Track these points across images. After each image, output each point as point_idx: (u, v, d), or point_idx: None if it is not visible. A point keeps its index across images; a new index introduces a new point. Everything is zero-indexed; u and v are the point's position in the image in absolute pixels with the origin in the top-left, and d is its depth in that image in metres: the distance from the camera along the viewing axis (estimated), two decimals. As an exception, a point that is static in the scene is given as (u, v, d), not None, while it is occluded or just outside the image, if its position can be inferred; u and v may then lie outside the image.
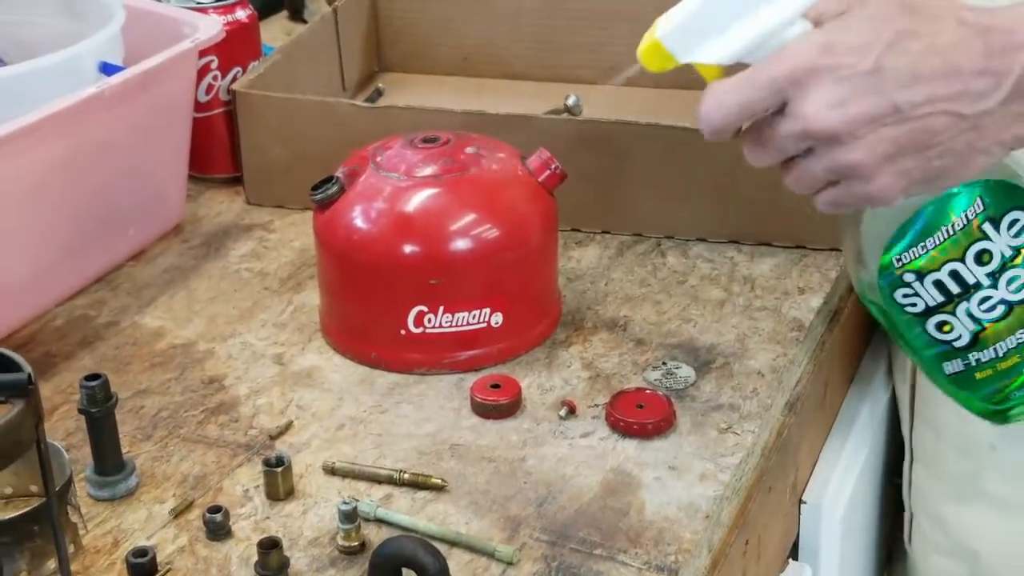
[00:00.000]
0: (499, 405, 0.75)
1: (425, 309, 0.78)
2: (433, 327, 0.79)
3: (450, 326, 0.79)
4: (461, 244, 0.78)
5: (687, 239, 0.94)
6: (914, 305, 0.74)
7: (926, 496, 0.94)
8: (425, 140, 0.82)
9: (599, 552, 0.66)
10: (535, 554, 0.65)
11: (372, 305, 0.80)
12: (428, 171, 0.80)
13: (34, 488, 0.70)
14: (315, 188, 0.81)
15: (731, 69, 0.66)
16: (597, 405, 0.76)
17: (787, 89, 0.63)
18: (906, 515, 0.97)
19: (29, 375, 0.52)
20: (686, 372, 0.80)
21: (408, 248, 0.78)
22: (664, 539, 0.66)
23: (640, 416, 0.74)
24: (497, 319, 0.80)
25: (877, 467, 0.98)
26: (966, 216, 0.72)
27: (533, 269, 0.82)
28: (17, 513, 0.64)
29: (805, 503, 0.85)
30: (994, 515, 0.89)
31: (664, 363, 0.80)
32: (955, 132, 0.63)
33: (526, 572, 0.64)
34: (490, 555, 0.65)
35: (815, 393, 0.84)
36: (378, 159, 0.81)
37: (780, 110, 0.64)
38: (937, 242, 0.72)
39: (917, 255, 0.72)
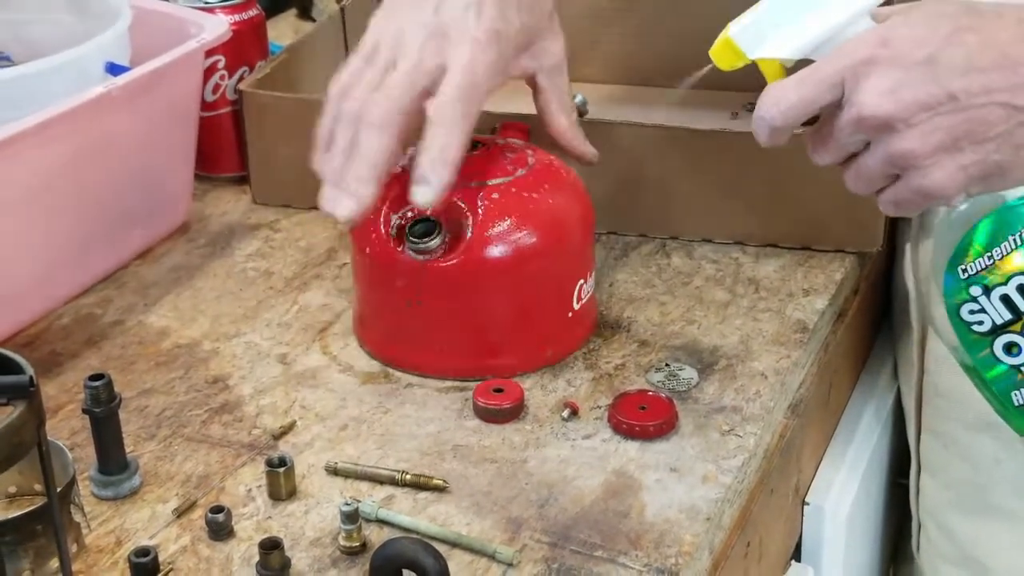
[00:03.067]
0: (501, 410, 0.75)
1: (582, 282, 0.81)
2: (585, 297, 0.81)
3: (587, 294, 0.82)
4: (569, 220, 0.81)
5: (692, 240, 0.94)
6: (981, 323, 0.68)
7: (934, 506, 0.94)
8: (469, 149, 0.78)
9: (600, 554, 0.66)
10: (536, 556, 0.66)
11: (543, 303, 0.79)
12: (502, 172, 0.79)
13: (38, 487, 0.71)
14: (413, 233, 0.76)
15: (794, 70, 0.68)
16: (600, 407, 0.77)
17: (846, 81, 0.64)
18: (914, 523, 0.97)
19: (31, 377, 0.52)
20: (689, 374, 0.80)
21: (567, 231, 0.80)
22: (665, 541, 0.66)
23: (642, 418, 0.74)
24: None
25: (881, 469, 0.98)
26: None
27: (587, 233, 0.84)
28: (20, 512, 0.64)
29: (808, 505, 0.85)
30: (1003, 527, 0.89)
31: (667, 365, 0.81)
32: (1012, 125, 0.63)
33: (527, 574, 0.65)
34: (491, 556, 0.66)
35: (819, 395, 0.84)
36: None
37: (839, 105, 0.65)
38: (1004, 252, 0.67)
39: (983, 266, 0.67)
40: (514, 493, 0.70)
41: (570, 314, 0.80)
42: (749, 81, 1.15)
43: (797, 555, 0.87)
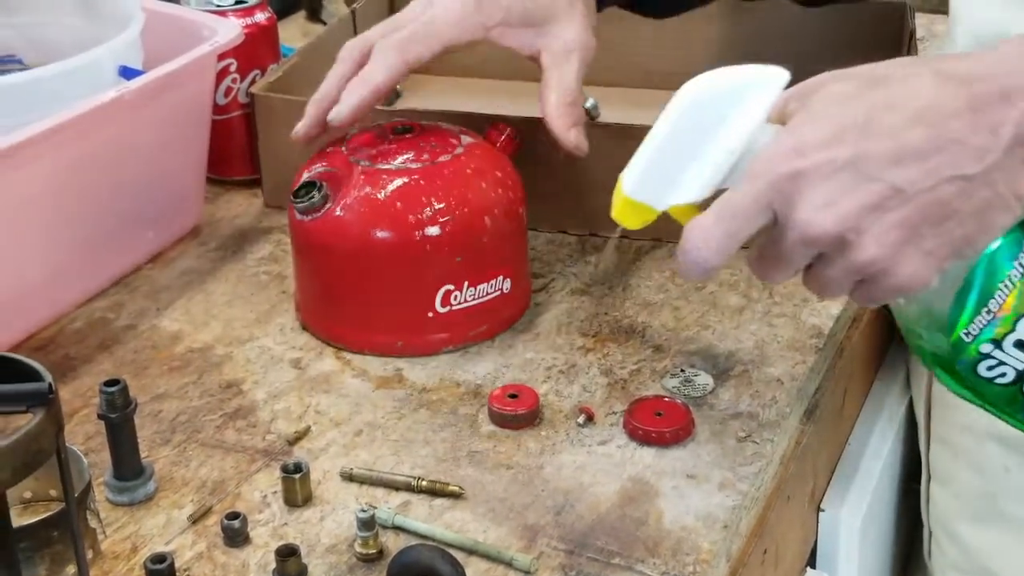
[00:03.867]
0: (517, 415, 0.75)
1: (452, 287, 0.81)
2: (459, 303, 0.81)
3: (474, 299, 0.82)
4: (480, 218, 0.81)
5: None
6: (1003, 375, 0.64)
7: (944, 514, 0.94)
8: (396, 131, 0.84)
9: (617, 561, 0.65)
10: (552, 563, 0.65)
11: (397, 295, 0.81)
12: (411, 157, 0.82)
13: (53, 492, 0.70)
14: (297, 196, 0.82)
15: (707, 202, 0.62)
16: (615, 413, 0.76)
17: (774, 203, 0.59)
18: (925, 531, 0.96)
19: (50, 384, 0.52)
20: (704, 380, 0.79)
21: (433, 231, 0.80)
22: (682, 548, 0.66)
23: (658, 424, 0.74)
24: (507, 284, 0.83)
25: (894, 475, 0.97)
26: (1020, 263, 0.63)
27: (524, 230, 0.86)
28: (37, 519, 0.64)
29: (823, 511, 0.84)
30: (1012, 536, 0.89)
31: (682, 370, 0.80)
32: (967, 195, 0.58)
33: (544, 581, 0.64)
34: (508, 564, 0.65)
35: (834, 401, 0.84)
36: (358, 154, 0.83)
37: (773, 223, 0.60)
38: (1000, 302, 0.63)
39: (985, 323, 0.63)
40: (530, 500, 0.70)
41: (430, 314, 0.81)
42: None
43: (812, 562, 0.86)
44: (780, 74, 0.62)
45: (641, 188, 0.63)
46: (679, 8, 1.02)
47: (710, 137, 0.61)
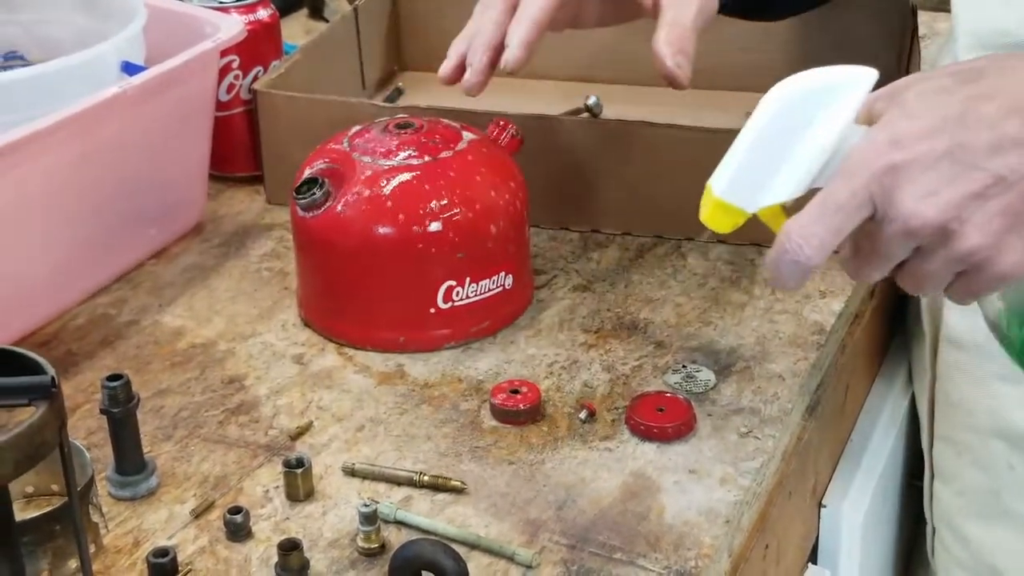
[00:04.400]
0: (519, 411, 0.75)
1: (454, 283, 0.80)
2: (461, 299, 0.81)
3: (476, 295, 0.82)
4: (482, 214, 0.81)
5: (708, 241, 0.94)
6: None
7: (948, 512, 0.93)
8: (399, 126, 0.84)
9: (619, 556, 0.66)
10: (555, 558, 0.65)
11: (398, 291, 0.81)
12: (412, 153, 0.82)
13: (55, 487, 0.71)
14: (299, 192, 0.82)
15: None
16: (617, 408, 0.76)
17: (873, 196, 0.59)
18: (928, 529, 0.96)
19: (53, 378, 0.52)
20: (706, 375, 0.79)
21: (435, 227, 0.80)
22: (684, 544, 0.66)
23: (660, 420, 0.74)
24: (509, 280, 0.83)
25: (897, 471, 0.97)
26: None
27: (526, 226, 0.85)
28: (39, 512, 0.64)
29: (825, 507, 0.85)
30: (1017, 533, 0.89)
31: (684, 366, 0.80)
32: None
33: (546, 576, 0.64)
34: (510, 559, 0.65)
35: (836, 397, 0.84)
36: (360, 151, 0.83)
37: (871, 218, 0.60)
38: None
39: None
40: (532, 495, 0.70)
41: (432, 310, 0.81)
42: (760, 82, 1.17)
43: (814, 557, 0.87)
44: (869, 74, 0.62)
45: (732, 190, 0.63)
46: (794, 10, 1.00)
47: (799, 138, 0.61)
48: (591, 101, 1.14)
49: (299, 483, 0.69)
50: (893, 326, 1.01)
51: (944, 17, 1.31)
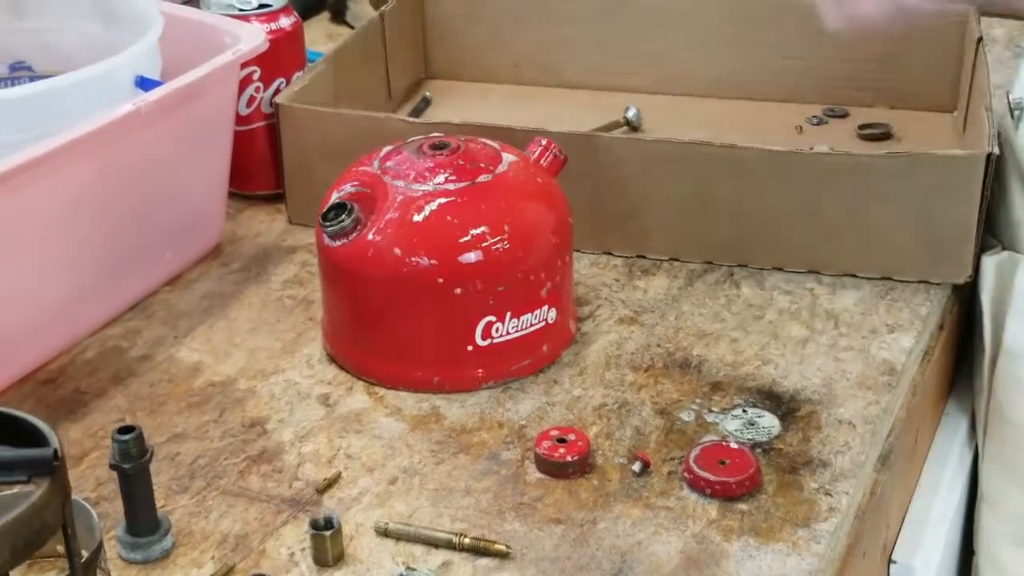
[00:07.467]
0: (567, 463, 0.69)
1: (493, 319, 0.74)
2: (501, 336, 0.75)
3: (517, 331, 0.76)
4: (524, 244, 0.75)
5: (762, 268, 0.87)
6: None
7: (989, 537, 0.88)
8: (434, 147, 0.78)
9: (682, 632, 0.59)
10: (611, 634, 0.59)
11: (433, 327, 0.75)
12: (448, 176, 0.76)
13: (60, 548, 0.64)
14: (326, 219, 0.76)
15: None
16: (673, 459, 0.70)
17: None
18: (975, 559, 0.90)
19: (56, 450, 0.46)
20: (769, 421, 0.73)
21: (473, 257, 0.73)
22: (754, 618, 0.60)
23: (723, 473, 0.67)
24: (552, 314, 0.77)
25: (966, 513, 0.91)
26: None
27: (570, 255, 0.80)
28: (42, 582, 0.58)
29: (895, 563, 0.78)
30: None
31: (744, 411, 0.74)
32: None
33: (602, 655, 0.58)
34: (561, 635, 0.59)
35: (906, 443, 0.78)
36: (392, 174, 0.76)
37: None
38: None
39: None
40: (584, 560, 0.63)
41: (470, 348, 0.75)
42: (813, 94, 1.11)
43: (880, 614, 0.80)
44: None
45: None
46: None
47: None
48: (631, 114, 1.07)
49: (328, 546, 0.63)
50: (960, 359, 0.94)
51: (999, 23, 1.25)
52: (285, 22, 0.96)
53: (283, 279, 0.89)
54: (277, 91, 0.95)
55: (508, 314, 0.75)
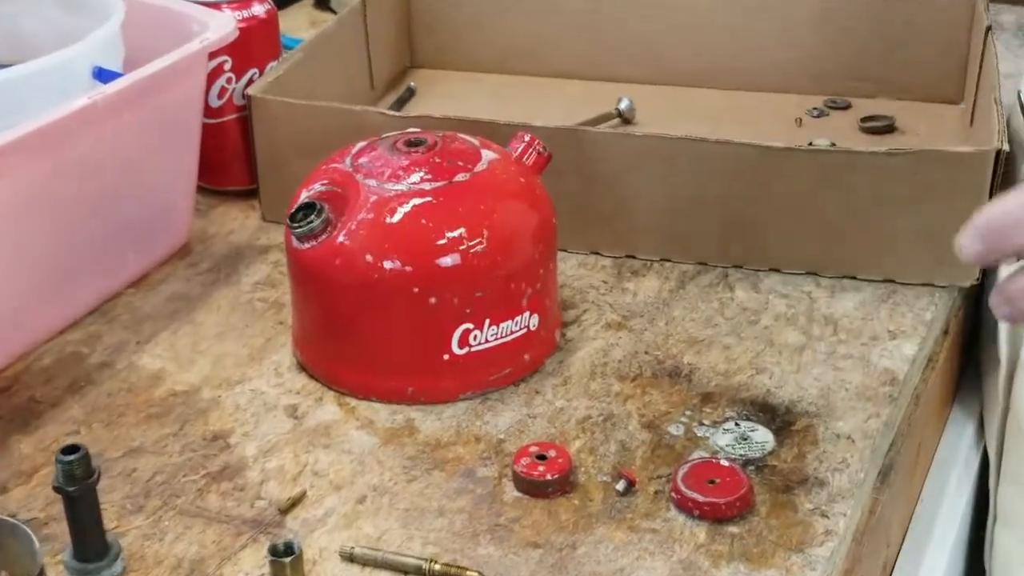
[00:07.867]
0: (547, 481, 0.64)
1: (471, 326, 0.70)
2: (480, 344, 0.71)
3: (496, 339, 0.71)
4: (504, 247, 0.70)
5: (758, 270, 0.83)
6: None
7: (1008, 560, 0.83)
8: (409, 144, 0.73)
9: (666, 669, 0.55)
10: (590, 671, 0.55)
11: (408, 335, 0.71)
12: (424, 176, 0.71)
13: (5, 574, 0.60)
14: (294, 220, 0.71)
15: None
16: (660, 477, 0.66)
17: None
18: None
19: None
20: (763, 436, 0.69)
21: (450, 261, 0.69)
22: (743, 653, 0.56)
23: (712, 493, 0.63)
24: (534, 321, 0.73)
25: (971, 529, 0.86)
26: None
27: (554, 259, 0.75)
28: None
29: (895, 585, 0.74)
30: None
31: (737, 424, 0.70)
32: None
33: None
34: (536, 672, 0.55)
35: (908, 457, 0.73)
36: (364, 172, 0.72)
37: None
38: None
39: None
40: (562, 589, 0.59)
41: (446, 356, 0.70)
42: (814, 84, 1.06)
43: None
44: None
45: None
46: None
47: None
48: (623, 105, 1.03)
49: (288, 574, 0.59)
50: (964, 367, 0.90)
51: (1008, 9, 1.20)
52: (258, 9, 0.91)
53: (254, 280, 0.84)
54: (250, 82, 0.91)
55: (487, 321, 0.71)
